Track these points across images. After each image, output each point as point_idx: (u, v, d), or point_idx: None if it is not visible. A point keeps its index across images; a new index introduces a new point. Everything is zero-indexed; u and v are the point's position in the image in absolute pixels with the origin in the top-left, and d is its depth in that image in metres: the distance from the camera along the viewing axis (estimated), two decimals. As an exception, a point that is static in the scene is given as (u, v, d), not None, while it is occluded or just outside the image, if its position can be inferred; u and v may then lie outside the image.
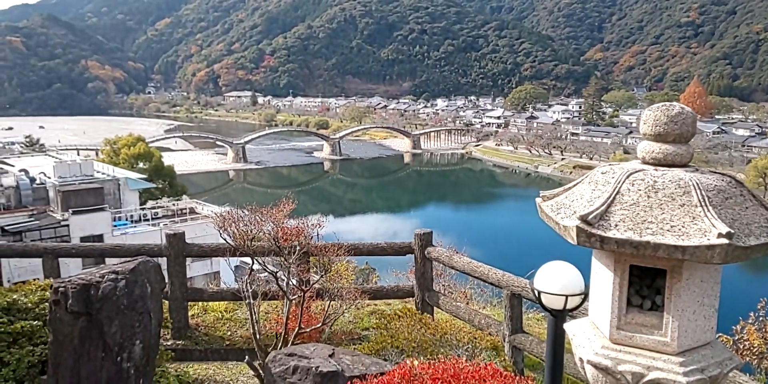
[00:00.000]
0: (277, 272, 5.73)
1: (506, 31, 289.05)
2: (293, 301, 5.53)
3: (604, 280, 2.79)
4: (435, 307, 6.68)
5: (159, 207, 37.76)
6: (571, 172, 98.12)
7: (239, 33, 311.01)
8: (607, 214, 2.52)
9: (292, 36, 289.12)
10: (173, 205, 38.76)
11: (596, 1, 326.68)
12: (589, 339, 2.86)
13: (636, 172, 2.67)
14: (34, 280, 6.12)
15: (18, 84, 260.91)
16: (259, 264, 5.71)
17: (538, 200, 2.96)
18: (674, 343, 2.59)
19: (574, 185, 2.90)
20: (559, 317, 3.43)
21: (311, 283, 5.63)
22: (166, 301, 6.41)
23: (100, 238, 31.04)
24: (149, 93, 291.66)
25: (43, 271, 7.03)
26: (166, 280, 6.26)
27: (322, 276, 5.53)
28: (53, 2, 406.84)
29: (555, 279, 3.36)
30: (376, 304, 7.49)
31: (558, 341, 3.52)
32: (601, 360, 2.69)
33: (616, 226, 2.48)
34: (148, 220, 34.87)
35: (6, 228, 29.11)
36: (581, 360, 2.84)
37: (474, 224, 71.35)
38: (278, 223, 5.77)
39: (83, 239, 30.59)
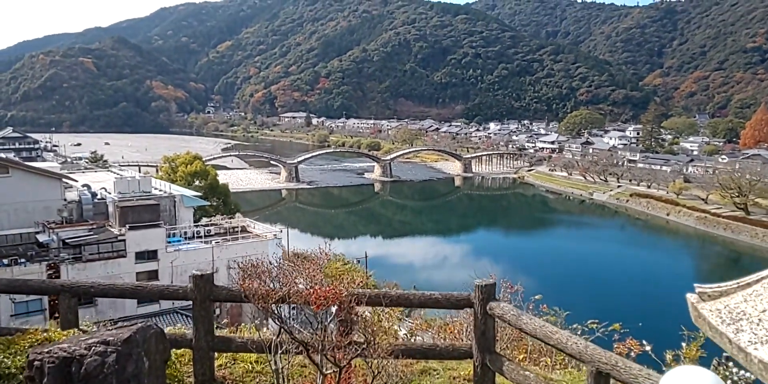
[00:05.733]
0: (307, 344, 4.92)
1: (562, 56, 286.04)
2: (329, 375, 4.82)
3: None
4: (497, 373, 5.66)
5: (212, 224, 38.27)
6: (627, 200, 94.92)
7: (296, 56, 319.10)
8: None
9: (347, 59, 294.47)
10: (226, 223, 39.25)
11: (656, 26, 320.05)
12: None
13: None
14: (35, 329, 5.22)
15: (88, 102, 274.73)
16: (287, 332, 4.94)
17: (691, 298, 2.02)
18: None
19: (757, 281, 1.92)
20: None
21: (349, 356, 4.82)
22: (190, 351, 5.74)
23: (154, 253, 31.64)
24: (209, 113, 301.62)
25: (60, 312, 5.96)
26: (192, 328, 5.51)
27: (363, 349, 4.73)
28: (124, 26, 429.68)
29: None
30: (426, 362, 6.58)
31: None
32: None
33: None
34: (201, 237, 35.32)
35: (67, 241, 30.03)
36: None
37: (525, 251, 69.60)
38: (312, 279, 4.91)
39: (138, 254, 31.28)
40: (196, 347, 5.67)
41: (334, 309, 4.98)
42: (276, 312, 4.94)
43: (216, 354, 6.05)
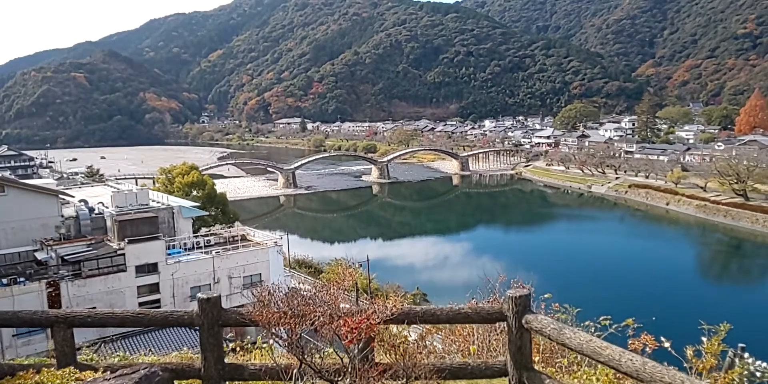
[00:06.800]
0: (337, 381, 4.62)
1: (554, 50, 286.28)
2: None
3: None
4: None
5: (211, 234, 38.18)
6: (626, 192, 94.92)
7: (288, 61, 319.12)
8: None
9: (339, 63, 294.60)
10: (225, 232, 39.15)
11: (646, 16, 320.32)
12: None
13: None
14: (27, 371, 4.64)
15: (82, 117, 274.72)
16: (313, 369, 4.65)
17: None
18: None
19: None
20: None
21: None
22: (198, 381, 5.45)
23: (154, 266, 31.53)
24: (203, 122, 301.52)
25: (55, 344, 5.56)
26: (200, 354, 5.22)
27: (402, 382, 4.48)
28: (114, 39, 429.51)
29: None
30: (455, 381, 6.29)
31: None
32: None
33: None
34: (201, 247, 35.21)
35: (65, 258, 29.88)
36: None
37: (526, 247, 69.57)
38: (336, 307, 4.54)
39: (138, 268, 31.16)
40: (206, 377, 5.33)
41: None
42: (297, 345, 4.66)
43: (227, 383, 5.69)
